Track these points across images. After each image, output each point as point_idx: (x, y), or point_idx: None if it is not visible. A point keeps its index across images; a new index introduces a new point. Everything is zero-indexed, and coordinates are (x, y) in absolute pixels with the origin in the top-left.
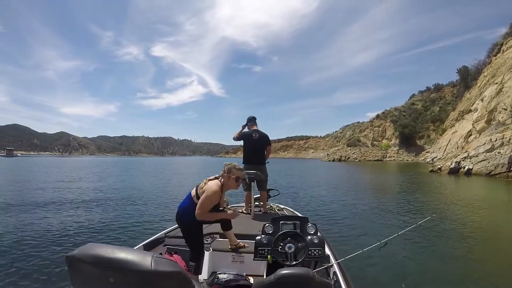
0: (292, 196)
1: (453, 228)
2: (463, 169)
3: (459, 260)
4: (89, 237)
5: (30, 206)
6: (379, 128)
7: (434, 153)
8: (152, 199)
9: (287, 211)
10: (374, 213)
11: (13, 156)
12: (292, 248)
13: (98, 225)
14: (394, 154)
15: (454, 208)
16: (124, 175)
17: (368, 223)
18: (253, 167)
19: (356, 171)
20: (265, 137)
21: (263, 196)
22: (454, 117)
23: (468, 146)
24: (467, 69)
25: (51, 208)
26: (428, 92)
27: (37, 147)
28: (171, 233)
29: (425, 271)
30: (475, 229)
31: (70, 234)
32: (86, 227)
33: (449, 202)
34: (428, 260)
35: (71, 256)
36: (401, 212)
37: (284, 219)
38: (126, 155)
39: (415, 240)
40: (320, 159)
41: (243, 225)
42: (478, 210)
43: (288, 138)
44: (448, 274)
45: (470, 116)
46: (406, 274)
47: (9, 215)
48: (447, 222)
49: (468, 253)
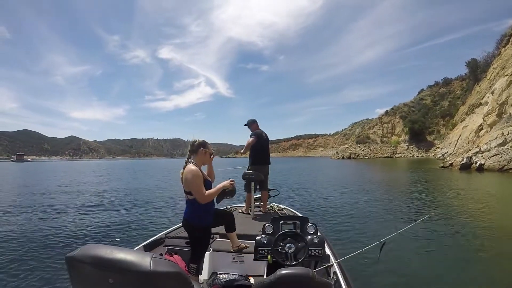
0: (293, 196)
1: (457, 226)
2: (475, 165)
3: (461, 259)
4: (89, 237)
5: (31, 208)
6: (388, 124)
7: (445, 149)
8: (153, 200)
9: (287, 211)
10: (376, 212)
11: (23, 161)
12: (292, 248)
13: (98, 226)
14: (404, 151)
15: (460, 205)
16: (128, 177)
17: (369, 222)
18: (264, 167)
19: (365, 169)
20: (267, 136)
21: (264, 196)
22: (464, 111)
23: (480, 141)
24: (476, 62)
25: (52, 210)
26: (437, 87)
27: (48, 152)
28: (172, 234)
29: (426, 270)
30: (483, 228)
31: (70, 235)
32: (86, 228)
33: (458, 198)
34: (429, 259)
35: (71, 256)
36: (404, 210)
37: (284, 219)
38: (136, 157)
39: (415, 238)
40: (329, 157)
41: (243, 225)
42: (488, 207)
43: (297, 136)
44: (449, 273)
45: (480, 109)
46: (406, 273)
47: (10, 217)
48: (449, 220)
49: (472, 251)
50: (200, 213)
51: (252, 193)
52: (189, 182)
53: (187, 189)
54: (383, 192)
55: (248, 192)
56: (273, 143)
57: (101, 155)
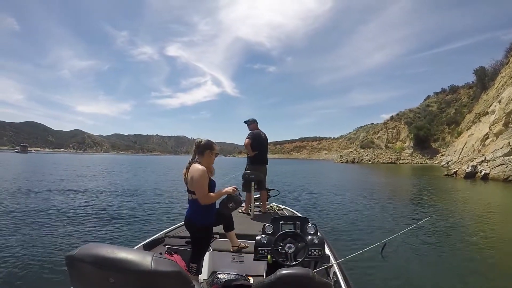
0: (294, 196)
1: (457, 231)
2: (480, 174)
3: (460, 262)
4: (89, 236)
5: (31, 204)
6: (393, 130)
7: (449, 156)
8: (153, 199)
9: (287, 211)
10: (377, 214)
11: (27, 152)
12: (292, 248)
13: (98, 225)
14: (408, 157)
15: (463, 212)
16: (129, 173)
17: (370, 224)
18: (262, 167)
19: (368, 174)
20: (266, 136)
21: (263, 196)
22: (470, 119)
23: (485, 150)
24: (484, 70)
25: (51, 207)
26: (444, 94)
27: (52, 144)
28: (171, 233)
29: (425, 271)
30: (483, 233)
31: (70, 233)
32: (86, 227)
33: (461, 205)
34: (429, 261)
35: (71, 255)
36: (406, 214)
37: (284, 219)
38: (140, 153)
39: (415, 240)
40: (333, 160)
41: (243, 225)
42: (490, 215)
43: (302, 139)
44: (448, 276)
45: (487, 118)
46: (406, 274)
47: (9, 214)
48: (450, 224)
49: (471, 255)
50: (203, 212)
51: (252, 193)
52: (194, 180)
53: (191, 188)
54: (384, 196)
55: (248, 192)
56: (277, 144)
57: (105, 150)
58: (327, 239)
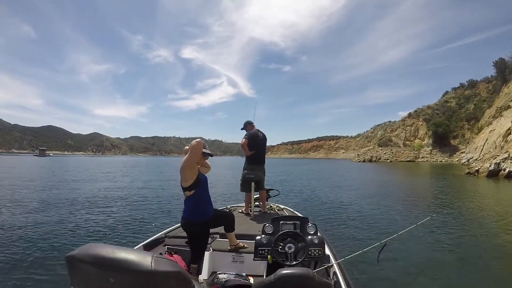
0: (293, 196)
1: (458, 229)
2: (503, 172)
3: (462, 262)
4: (89, 237)
5: (32, 204)
6: (411, 127)
7: (470, 154)
8: (154, 199)
9: (287, 211)
10: (379, 215)
11: (45, 155)
12: (292, 248)
13: (99, 225)
14: (427, 155)
15: (459, 207)
16: (135, 175)
17: (370, 224)
18: (260, 167)
19: (384, 173)
20: (265, 135)
21: (263, 195)
22: (491, 114)
23: (508, 146)
24: (504, 62)
25: (52, 208)
26: (462, 89)
27: (71, 147)
28: (171, 233)
29: (425, 271)
30: (488, 235)
31: (70, 234)
32: (86, 227)
33: (485, 206)
34: (430, 261)
35: (71, 256)
36: (408, 214)
37: (284, 219)
38: (157, 155)
39: (415, 240)
40: (350, 159)
41: (243, 225)
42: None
43: (319, 138)
44: (448, 275)
45: (509, 112)
46: (406, 274)
47: (10, 214)
48: (453, 224)
49: (474, 255)
50: (198, 208)
51: (252, 193)
52: (183, 160)
53: (182, 181)
54: (396, 196)
55: (248, 192)
56: (294, 144)
57: (123, 152)
58: (327, 239)
